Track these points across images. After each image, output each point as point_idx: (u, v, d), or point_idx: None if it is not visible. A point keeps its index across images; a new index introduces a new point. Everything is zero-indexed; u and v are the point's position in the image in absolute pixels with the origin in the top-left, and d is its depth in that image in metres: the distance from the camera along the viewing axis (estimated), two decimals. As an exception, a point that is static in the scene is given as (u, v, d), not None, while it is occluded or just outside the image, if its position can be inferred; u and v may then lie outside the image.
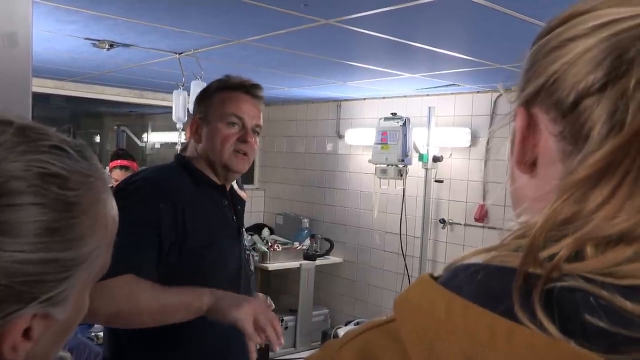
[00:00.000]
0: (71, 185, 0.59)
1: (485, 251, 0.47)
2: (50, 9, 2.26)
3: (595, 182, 0.43)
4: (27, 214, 0.55)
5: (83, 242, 0.60)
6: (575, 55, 0.46)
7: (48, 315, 0.58)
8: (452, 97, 4.14)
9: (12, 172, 0.55)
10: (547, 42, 0.49)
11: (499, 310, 0.41)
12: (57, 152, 0.60)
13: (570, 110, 0.46)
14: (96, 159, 0.66)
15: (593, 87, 0.44)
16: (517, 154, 0.52)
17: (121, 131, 7.35)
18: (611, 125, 0.43)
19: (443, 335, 0.42)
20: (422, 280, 0.48)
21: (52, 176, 0.58)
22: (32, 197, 0.56)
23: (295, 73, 3.65)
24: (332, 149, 5.09)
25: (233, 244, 1.75)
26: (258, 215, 5.73)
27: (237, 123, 1.71)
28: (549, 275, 0.41)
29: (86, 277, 0.62)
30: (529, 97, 0.51)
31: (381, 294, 4.64)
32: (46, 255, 0.56)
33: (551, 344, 0.38)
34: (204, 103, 1.77)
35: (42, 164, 0.57)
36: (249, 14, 2.25)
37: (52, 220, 0.57)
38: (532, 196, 0.51)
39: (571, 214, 0.43)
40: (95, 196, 0.62)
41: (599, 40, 0.45)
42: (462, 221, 4.09)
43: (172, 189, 1.63)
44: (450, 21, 2.29)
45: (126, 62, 3.43)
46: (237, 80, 1.77)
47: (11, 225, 0.54)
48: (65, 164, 0.59)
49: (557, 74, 0.47)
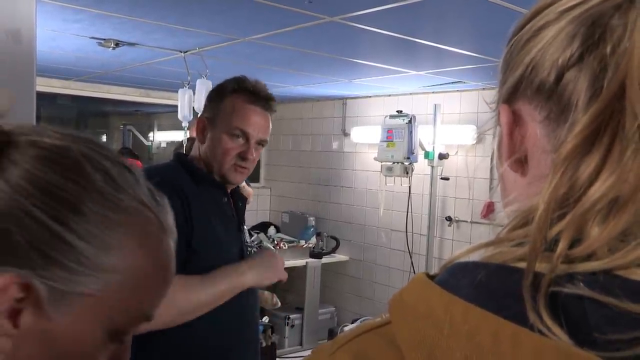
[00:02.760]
0: (137, 214, 0.61)
1: (483, 247, 0.45)
2: (55, 8, 2.27)
3: (585, 151, 0.42)
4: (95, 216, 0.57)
5: (111, 257, 0.58)
6: (550, 39, 0.46)
7: (40, 302, 0.55)
8: (457, 94, 4.13)
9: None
10: (519, 39, 0.50)
11: (503, 314, 0.39)
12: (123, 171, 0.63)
13: (554, 89, 0.46)
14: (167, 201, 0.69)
15: (572, 58, 0.44)
16: (506, 151, 0.51)
17: (127, 130, 7.36)
18: (593, 91, 0.43)
19: (443, 341, 0.40)
20: (418, 280, 0.46)
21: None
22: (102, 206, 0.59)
23: (301, 71, 3.65)
24: (338, 146, 5.08)
25: (234, 241, 1.76)
26: (264, 214, 5.73)
27: (242, 136, 1.70)
28: (552, 274, 0.39)
29: (96, 303, 0.58)
30: (510, 92, 0.51)
31: (387, 291, 4.63)
32: (80, 241, 0.56)
33: (560, 350, 0.37)
34: (215, 104, 1.75)
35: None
36: (254, 12, 2.24)
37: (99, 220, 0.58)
38: (524, 194, 0.49)
39: (567, 189, 0.42)
40: (137, 239, 0.61)
41: (569, 21, 0.45)
42: (469, 218, 4.08)
43: (177, 187, 1.63)
44: (456, 18, 2.28)
45: (132, 61, 3.44)
46: (252, 87, 1.73)
47: (79, 202, 0.56)
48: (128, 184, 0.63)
49: (534, 61, 0.47)
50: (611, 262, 0.39)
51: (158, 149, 7.61)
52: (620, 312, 0.37)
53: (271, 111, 1.77)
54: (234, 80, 1.75)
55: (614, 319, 0.37)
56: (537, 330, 0.38)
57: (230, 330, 1.69)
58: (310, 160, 5.35)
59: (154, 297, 0.64)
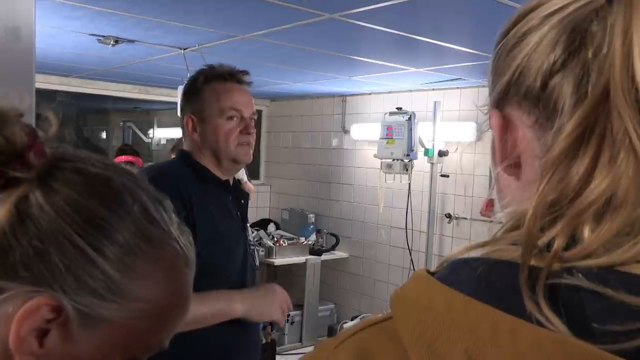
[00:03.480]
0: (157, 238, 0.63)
1: (480, 246, 0.46)
2: (55, 5, 2.26)
3: (573, 155, 0.43)
4: (128, 233, 0.60)
5: (139, 286, 0.60)
6: (534, 44, 0.47)
7: (67, 325, 0.56)
8: (457, 91, 4.13)
9: (144, 198, 0.63)
10: (505, 44, 0.51)
11: (502, 306, 0.40)
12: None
13: (541, 94, 0.47)
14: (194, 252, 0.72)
15: (556, 64, 0.45)
16: (499, 155, 0.52)
17: (127, 127, 7.35)
18: (577, 97, 0.44)
19: (444, 334, 0.41)
20: (419, 276, 0.47)
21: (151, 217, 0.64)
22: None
23: (300, 68, 3.65)
24: (338, 144, 5.08)
25: (238, 239, 1.76)
26: (264, 211, 5.73)
27: (236, 116, 1.72)
28: (550, 268, 0.40)
29: (120, 330, 0.59)
30: (499, 97, 0.51)
31: (387, 288, 4.64)
32: (112, 269, 0.58)
33: (558, 341, 0.37)
34: (195, 99, 1.76)
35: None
36: (253, 9, 2.24)
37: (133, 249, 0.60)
38: (520, 197, 0.50)
39: (559, 194, 0.43)
40: (165, 271, 0.64)
41: (551, 26, 0.46)
42: (468, 216, 4.08)
43: (181, 187, 1.63)
44: (455, 14, 2.28)
45: (131, 58, 3.44)
46: (224, 69, 1.76)
47: (116, 232, 0.58)
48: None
49: (520, 67, 0.48)
50: (609, 260, 0.40)
51: (158, 145, 7.59)
52: (618, 303, 0.38)
53: (250, 85, 1.80)
54: (202, 71, 1.78)
55: (611, 310, 0.38)
56: (535, 320, 0.38)
57: (231, 328, 1.69)
58: (310, 157, 5.35)
59: (172, 328, 0.66)
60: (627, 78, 0.41)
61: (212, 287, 1.65)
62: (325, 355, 0.49)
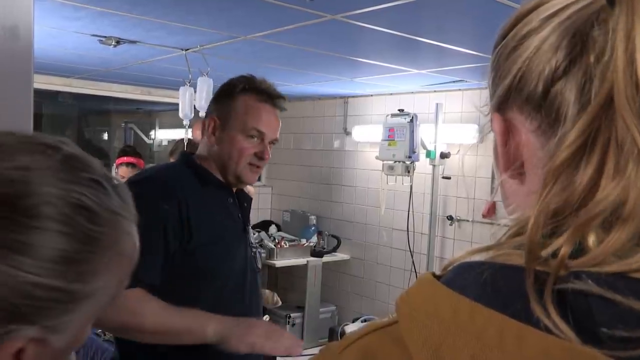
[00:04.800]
0: (98, 221, 0.61)
1: (484, 250, 0.45)
2: (56, 5, 2.26)
3: (577, 163, 0.42)
4: (50, 240, 0.57)
5: (95, 278, 0.61)
6: (534, 49, 0.46)
7: (45, 341, 0.58)
8: (459, 93, 4.12)
9: (47, 197, 0.57)
10: (505, 46, 0.50)
11: (508, 312, 0.39)
12: (94, 185, 0.61)
13: (543, 100, 0.46)
14: (130, 198, 0.67)
15: (558, 70, 0.44)
16: (502, 161, 0.52)
17: (129, 128, 7.36)
18: (581, 103, 0.43)
19: (450, 340, 0.40)
20: (425, 280, 0.47)
21: (83, 208, 0.59)
22: (59, 224, 0.57)
23: (302, 69, 3.64)
24: (339, 145, 5.08)
25: (239, 242, 1.75)
26: (265, 212, 5.72)
27: (257, 136, 1.69)
28: (557, 274, 0.39)
29: (91, 310, 0.63)
30: (500, 101, 0.51)
31: (388, 291, 4.63)
32: (58, 283, 0.57)
33: (566, 349, 0.36)
34: (226, 103, 1.72)
35: (77, 195, 0.59)
36: (255, 10, 2.24)
37: (73, 251, 0.58)
38: (526, 201, 0.49)
39: (562, 202, 0.42)
40: (117, 235, 0.63)
41: (551, 29, 0.45)
42: (470, 218, 4.07)
43: (177, 188, 1.62)
44: (458, 16, 2.27)
45: (133, 58, 3.43)
46: (263, 86, 1.72)
47: (34, 247, 0.56)
48: (98, 199, 0.61)
49: (520, 71, 0.47)
50: (619, 267, 0.39)
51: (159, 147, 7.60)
52: (627, 310, 0.37)
53: (281, 109, 1.76)
54: (243, 79, 1.73)
55: (620, 317, 0.37)
56: (543, 326, 0.38)
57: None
58: (312, 158, 5.34)
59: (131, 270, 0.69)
60: (631, 84, 0.40)
61: (211, 289, 1.64)
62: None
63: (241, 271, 1.73)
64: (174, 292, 1.58)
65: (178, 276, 1.57)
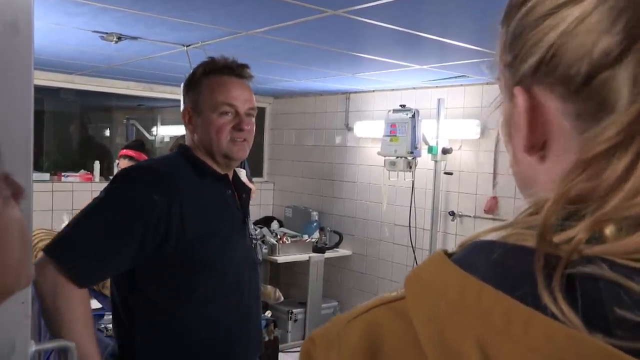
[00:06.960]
0: None
1: (500, 229, 0.43)
2: (57, 1, 2.26)
3: (611, 157, 0.39)
4: None
5: None
6: (573, 23, 0.41)
7: None
8: (461, 88, 4.11)
9: None
10: (532, 9, 0.44)
11: (516, 294, 0.38)
12: None
13: (584, 86, 0.41)
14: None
15: (608, 56, 0.39)
16: (525, 138, 0.47)
17: (131, 124, 7.35)
18: (634, 95, 0.39)
19: (455, 319, 0.40)
20: (436, 257, 0.46)
21: None
22: None
23: (304, 65, 3.64)
24: (341, 141, 5.08)
25: (238, 233, 1.75)
26: (267, 208, 5.73)
27: (230, 111, 1.69)
28: (569, 258, 0.38)
29: None
30: (524, 76, 0.45)
31: (390, 286, 4.63)
32: None
33: (572, 337, 0.35)
34: (193, 91, 1.73)
35: None
36: (256, 5, 2.23)
37: None
38: (544, 179, 0.47)
39: (586, 191, 0.40)
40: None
41: (597, 2, 0.40)
42: (472, 213, 4.07)
43: (172, 180, 1.61)
44: (460, 11, 2.27)
45: (135, 54, 3.43)
46: (222, 62, 1.72)
47: None
48: None
49: (554, 47, 0.42)
50: (631, 253, 0.37)
51: (161, 143, 7.60)
52: (639, 297, 0.36)
53: (249, 79, 1.76)
54: (202, 63, 1.74)
55: (631, 304, 0.36)
56: (550, 313, 0.37)
57: (232, 325, 1.69)
58: (314, 154, 5.34)
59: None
60: None
61: (209, 281, 1.64)
62: (336, 331, 0.49)
63: (241, 262, 1.73)
64: (175, 283, 1.59)
65: (177, 268, 1.57)
